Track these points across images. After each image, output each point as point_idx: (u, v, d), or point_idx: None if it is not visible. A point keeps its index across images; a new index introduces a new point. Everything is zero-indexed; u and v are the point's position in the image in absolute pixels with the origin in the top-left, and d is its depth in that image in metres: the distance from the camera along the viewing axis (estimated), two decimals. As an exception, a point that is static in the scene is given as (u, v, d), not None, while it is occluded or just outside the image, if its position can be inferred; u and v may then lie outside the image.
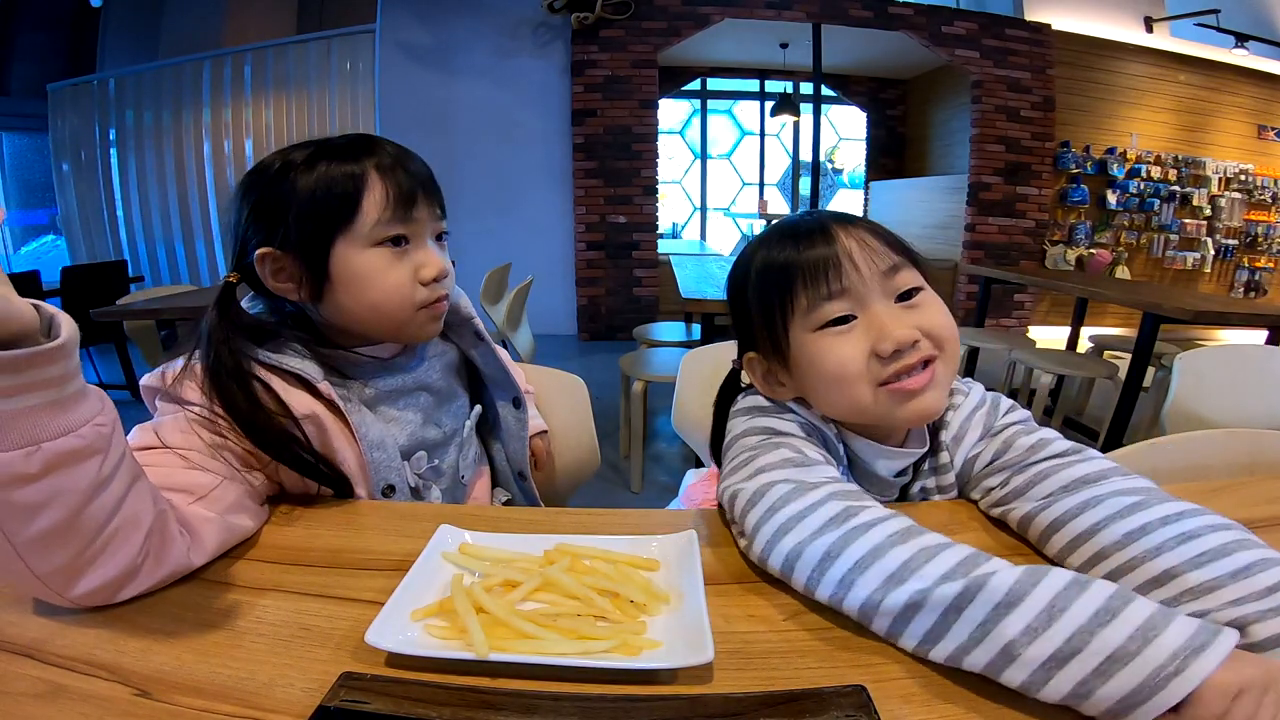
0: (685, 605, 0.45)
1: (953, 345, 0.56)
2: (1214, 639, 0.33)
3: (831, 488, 0.49)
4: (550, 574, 0.46)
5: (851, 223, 0.58)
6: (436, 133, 4.53)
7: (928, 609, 0.40)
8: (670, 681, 0.39)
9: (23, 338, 0.36)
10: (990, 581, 0.38)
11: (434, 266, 0.66)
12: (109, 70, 4.81)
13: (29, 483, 0.37)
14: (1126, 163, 5.06)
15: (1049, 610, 0.36)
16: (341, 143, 0.65)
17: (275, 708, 0.36)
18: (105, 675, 0.38)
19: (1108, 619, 0.35)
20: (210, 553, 0.51)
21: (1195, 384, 1.25)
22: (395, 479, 0.66)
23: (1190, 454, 0.79)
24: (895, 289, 0.55)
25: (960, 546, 0.43)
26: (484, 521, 0.60)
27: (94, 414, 0.40)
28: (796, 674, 0.40)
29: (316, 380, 0.62)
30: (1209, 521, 0.45)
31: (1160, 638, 0.34)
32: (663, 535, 0.53)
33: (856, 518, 0.45)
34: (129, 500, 0.43)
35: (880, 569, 0.42)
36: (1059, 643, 0.35)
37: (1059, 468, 0.54)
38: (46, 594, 0.42)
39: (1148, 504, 0.47)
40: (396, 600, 0.43)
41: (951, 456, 0.61)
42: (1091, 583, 0.37)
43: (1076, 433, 2.79)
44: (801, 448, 0.55)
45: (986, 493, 0.59)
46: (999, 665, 0.37)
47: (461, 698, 0.36)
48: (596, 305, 4.81)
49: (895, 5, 4.64)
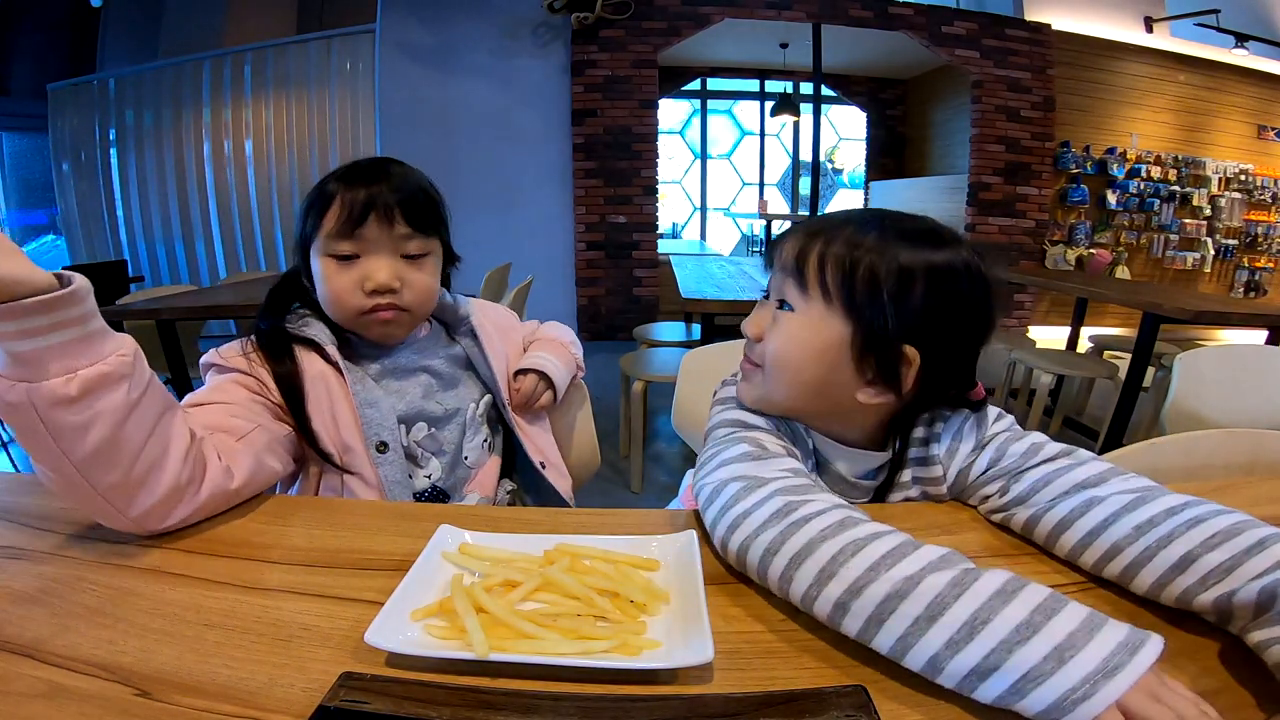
0: (685, 605, 0.45)
1: (776, 370, 0.59)
2: (1128, 661, 0.34)
3: (780, 483, 0.50)
4: (550, 574, 0.46)
5: (842, 232, 0.57)
6: (436, 133, 4.52)
7: (854, 613, 0.40)
8: (670, 681, 0.39)
9: (40, 288, 0.45)
10: (915, 590, 0.38)
11: (374, 281, 0.74)
12: (109, 70, 4.80)
13: (72, 404, 0.47)
14: (1126, 163, 5.05)
15: (970, 624, 0.36)
16: (358, 163, 0.77)
17: (275, 708, 0.36)
18: (105, 675, 0.38)
19: (1028, 634, 0.35)
20: (245, 480, 0.61)
21: (1195, 384, 1.25)
22: (388, 437, 0.75)
23: (1190, 454, 0.79)
24: (780, 294, 0.60)
25: (889, 537, 0.43)
26: (484, 521, 0.60)
27: (117, 347, 0.51)
28: (796, 674, 0.40)
29: (325, 345, 0.75)
30: (1212, 508, 0.46)
31: (1077, 657, 0.34)
32: (662, 535, 0.53)
33: (796, 512, 0.46)
34: (163, 423, 0.54)
35: (813, 564, 0.43)
36: (978, 659, 0.36)
37: (1057, 473, 0.54)
38: (112, 515, 0.52)
39: (1150, 498, 0.48)
40: (396, 600, 0.43)
41: (945, 470, 0.62)
42: (1019, 591, 0.37)
43: (1076, 433, 2.80)
44: (763, 440, 0.57)
45: (984, 500, 0.60)
46: (930, 673, 0.38)
47: (461, 698, 0.36)
48: (596, 305, 4.81)
49: (895, 5, 4.64)
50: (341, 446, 0.74)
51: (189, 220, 4.89)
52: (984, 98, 4.74)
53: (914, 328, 0.54)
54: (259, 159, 4.79)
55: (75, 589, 0.47)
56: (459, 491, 0.83)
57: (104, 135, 4.84)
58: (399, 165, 0.78)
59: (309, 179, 4.79)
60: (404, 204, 0.74)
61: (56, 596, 0.46)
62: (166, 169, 4.82)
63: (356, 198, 0.72)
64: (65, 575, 0.49)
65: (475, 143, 4.58)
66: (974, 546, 0.56)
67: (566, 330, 1.02)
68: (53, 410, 0.47)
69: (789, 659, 0.42)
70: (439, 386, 0.83)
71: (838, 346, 0.56)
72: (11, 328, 0.45)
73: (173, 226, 4.90)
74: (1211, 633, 0.43)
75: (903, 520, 0.59)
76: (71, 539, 0.55)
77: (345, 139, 4.72)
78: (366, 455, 0.74)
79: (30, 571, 0.49)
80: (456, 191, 3.90)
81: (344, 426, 0.74)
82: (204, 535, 0.56)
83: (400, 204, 0.74)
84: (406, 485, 0.76)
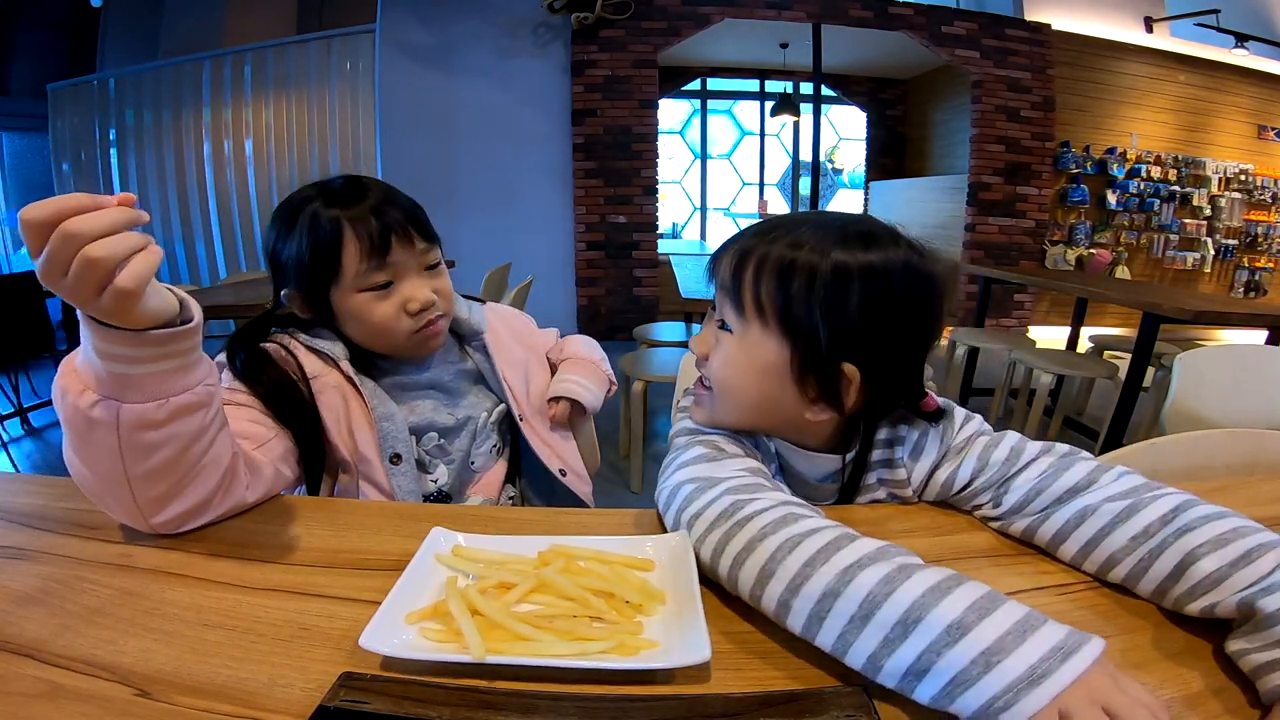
0: (681, 605, 0.44)
1: (721, 394, 0.58)
2: (1057, 668, 0.33)
3: (731, 482, 0.50)
4: (545, 575, 0.46)
5: (775, 242, 0.55)
6: (436, 133, 4.52)
7: (795, 611, 0.40)
8: (668, 681, 0.39)
9: (168, 319, 0.47)
10: (848, 588, 0.38)
11: (418, 300, 0.74)
12: (109, 70, 4.80)
13: (156, 428, 0.49)
14: (1126, 163, 5.05)
15: (904, 623, 0.36)
16: (332, 189, 0.73)
17: (275, 708, 0.36)
18: (105, 675, 0.38)
19: (959, 636, 0.34)
20: (261, 494, 0.61)
21: (1195, 384, 1.25)
22: (402, 449, 0.75)
23: (1190, 454, 0.79)
24: (720, 313, 0.58)
25: (826, 531, 0.42)
26: (480, 521, 0.60)
27: (205, 375, 0.51)
28: (796, 674, 0.40)
29: (340, 359, 0.75)
30: (1202, 514, 0.46)
31: (1004, 662, 0.33)
32: (657, 535, 0.53)
33: (741, 511, 0.46)
34: (218, 442, 0.55)
35: (754, 562, 0.43)
36: (911, 660, 0.35)
37: (1044, 480, 0.54)
38: (135, 517, 0.52)
39: (1142, 505, 0.48)
40: (390, 604, 0.43)
41: (909, 473, 0.61)
42: (954, 589, 0.36)
43: (1076, 433, 2.80)
44: (720, 443, 0.57)
45: (977, 509, 0.60)
46: (870, 673, 0.37)
47: (461, 698, 0.36)
48: (596, 305, 4.81)
49: (895, 5, 4.64)
50: (357, 457, 0.74)
51: (189, 220, 4.89)
52: (984, 98, 4.74)
53: (851, 341, 0.52)
54: (259, 159, 4.79)
55: (75, 589, 0.47)
56: (462, 494, 0.83)
57: (104, 135, 4.84)
58: (375, 181, 0.76)
59: (309, 179, 4.74)
60: (412, 220, 0.74)
61: (56, 596, 0.46)
62: (166, 169, 4.82)
63: (370, 227, 0.71)
64: (65, 575, 0.49)
65: (475, 143, 4.58)
66: (976, 547, 0.56)
67: (595, 346, 1.01)
68: (134, 431, 0.48)
69: (788, 659, 0.41)
70: (447, 401, 0.83)
71: (777, 368, 0.54)
72: (129, 353, 0.45)
73: (173, 226, 4.90)
74: (1212, 632, 0.43)
75: (901, 522, 0.60)
76: (71, 539, 0.55)
77: (345, 139, 4.72)
78: (381, 466, 0.74)
79: (30, 571, 0.49)
80: (456, 191, 3.92)
81: (360, 439, 0.74)
82: (204, 535, 0.56)
83: (409, 220, 0.74)
84: (416, 492, 0.76)
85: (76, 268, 0.39)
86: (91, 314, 0.43)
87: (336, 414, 0.74)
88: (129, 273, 0.41)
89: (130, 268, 0.41)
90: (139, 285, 0.42)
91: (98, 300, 0.42)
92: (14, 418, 3.02)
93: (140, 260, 0.41)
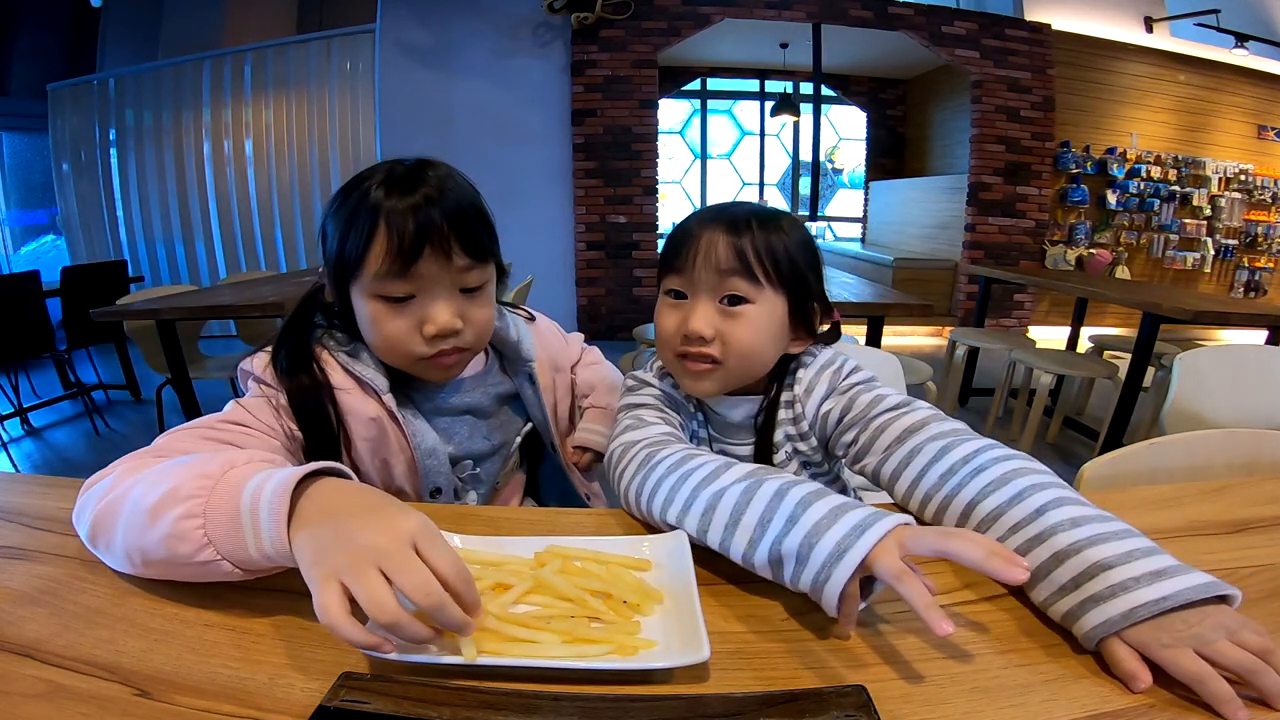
0: (679, 605, 0.45)
1: (736, 360, 0.65)
2: (855, 542, 0.41)
3: (646, 442, 0.62)
4: (542, 576, 0.46)
5: (750, 226, 0.64)
6: (436, 133, 4.52)
7: (688, 525, 0.51)
8: (666, 681, 0.39)
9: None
10: (720, 502, 0.49)
11: (435, 324, 0.64)
12: (109, 70, 4.80)
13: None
14: (1126, 163, 5.05)
15: (761, 524, 0.47)
16: (392, 170, 0.65)
17: (275, 708, 0.36)
18: (105, 675, 0.38)
19: (792, 527, 0.45)
20: None
21: (1195, 384, 1.25)
22: (443, 483, 0.72)
23: (1190, 454, 0.79)
24: (724, 291, 0.64)
25: (710, 464, 0.53)
26: (479, 521, 0.60)
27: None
28: (796, 674, 0.40)
29: (382, 392, 0.68)
30: (996, 454, 0.53)
31: (819, 543, 0.43)
32: (654, 536, 0.53)
33: (653, 460, 0.58)
34: None
35: (661, 495, 0.55)
36: (768, 552, 0.46)
37: (891, 421, 0.61)
38: (130, 570, 0.49)
39: (953, 446, 0.55)
40: None
41: (803, 407, 0.69)
42: (790, 490, 0.47)
43: (1076, 433, 2.80)
44: (643, 416, 0.67)
45: (845, 449, 0.66)
46: (747, 565, 0.47)
47: (461, 698, 0.36)
48: (596, 305, 4.81)
49: (895, 5, 4.64)
50: (392, 488, 0.70)
51: (189, 220, 4.90)
52: (984, 98, 4.74)
53: (816, 281, 0.68)
54: (259, 159, 4.79)
55: (75, 589, 0.47)
56: None
57: (104, 135, 4.84)
58: (443, 175, 0.66)
59: (309, 179, 4.79)
60: (459, 231, 0.63)
61: (56, 596, 0.46)
62: (166, 169, 4.82)
63: (406, 226, 0.60)
64: (65, 575, 0.49)
65: (475, 143, 4.57)
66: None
67: (617, 385, 0.89)
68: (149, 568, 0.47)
69: (787, 659, 0.42)
70: (484, 425, 0.78)
71: (782, 321, 0.66)
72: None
73: (172, 226, 4.91)
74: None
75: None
76: (71, 539, 0.54)
77: (345, 139, 4.72)
78: (417, 499, 0.71)
79: (30, 571, 0.49)
80: (456, 191, 3.78)
81: (397, 472, 0.70)
82: (204, 535, 0.56)
83: (455, 231, 0.63)
84: None
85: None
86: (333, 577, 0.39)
87: (372, 444, 0.68)
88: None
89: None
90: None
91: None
92: (14, 418, 3.02)
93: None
